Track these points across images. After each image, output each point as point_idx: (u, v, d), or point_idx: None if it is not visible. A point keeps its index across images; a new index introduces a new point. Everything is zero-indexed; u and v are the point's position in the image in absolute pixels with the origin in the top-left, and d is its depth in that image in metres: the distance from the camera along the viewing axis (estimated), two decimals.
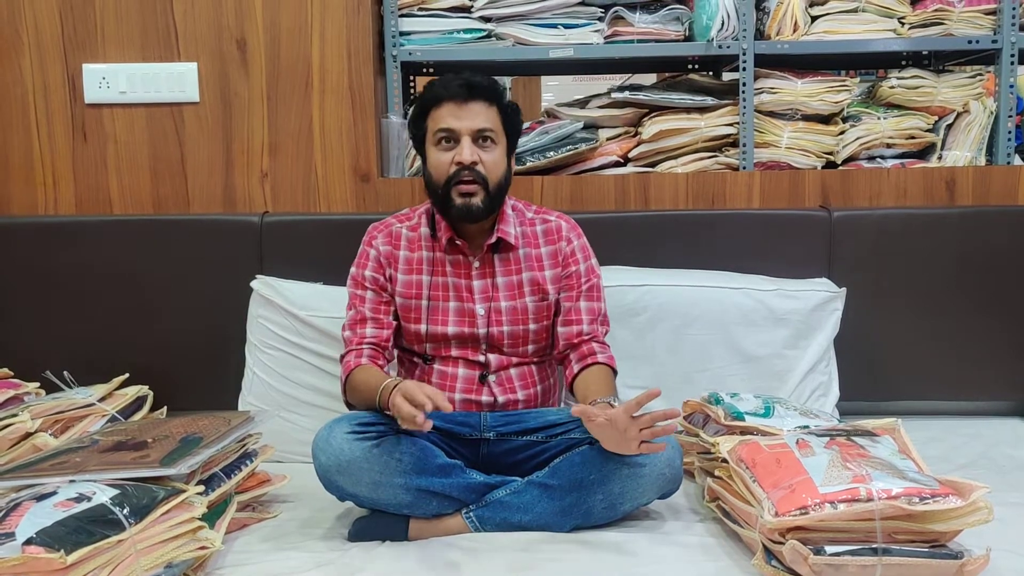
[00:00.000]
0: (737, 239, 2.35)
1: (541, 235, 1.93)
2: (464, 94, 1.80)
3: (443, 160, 1.81)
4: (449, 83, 1.81)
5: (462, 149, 1.79)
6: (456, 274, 1.87)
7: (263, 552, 1.63)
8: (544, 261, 1.91)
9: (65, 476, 1.50)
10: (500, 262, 1.89)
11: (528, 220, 1.94)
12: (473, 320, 1.86)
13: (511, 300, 1.87)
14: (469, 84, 1.80)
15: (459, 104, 1.80)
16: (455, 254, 1.88)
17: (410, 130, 1.90)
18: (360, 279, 1.90)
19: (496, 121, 1.83)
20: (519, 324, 1.87)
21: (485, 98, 1.81)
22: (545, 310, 1.89)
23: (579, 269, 1.91)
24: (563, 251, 1.92)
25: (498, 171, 1.83)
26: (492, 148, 1.82)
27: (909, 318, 2.35)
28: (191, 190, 2.46)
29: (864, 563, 1.38)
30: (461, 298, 1.87)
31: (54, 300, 2.38)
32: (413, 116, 1.88)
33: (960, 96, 2.49)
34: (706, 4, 2.39)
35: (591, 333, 1.88)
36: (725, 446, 1.68)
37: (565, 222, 1.95)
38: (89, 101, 2.44)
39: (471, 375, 1.86)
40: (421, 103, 1.85)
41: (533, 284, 1.89)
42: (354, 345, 1.84)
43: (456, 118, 1.80)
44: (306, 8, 2.41)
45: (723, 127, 2.45)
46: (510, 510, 1.70)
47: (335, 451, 1.66)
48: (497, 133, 1.83)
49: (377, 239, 1.92)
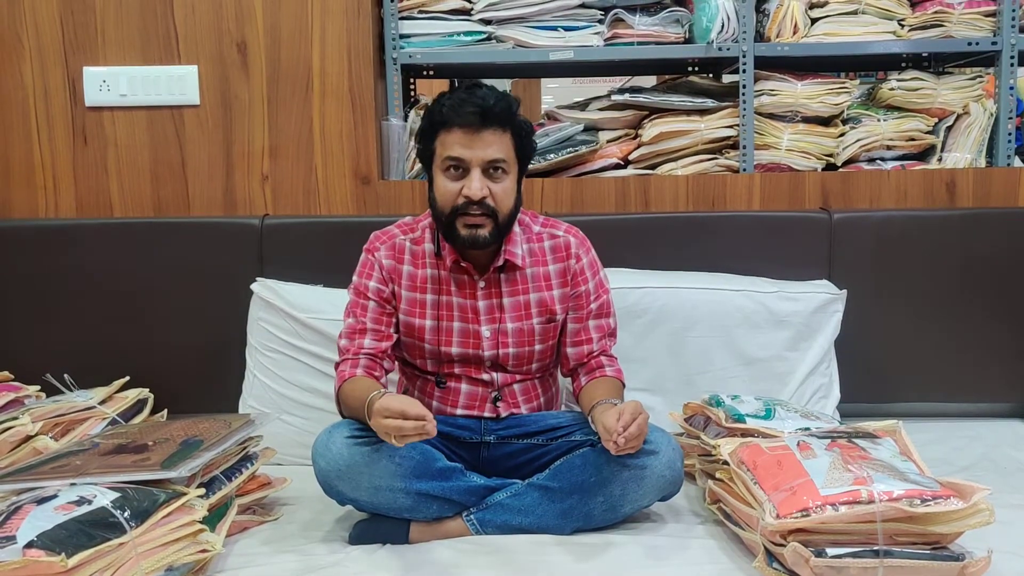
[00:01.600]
0: (737, 241, 2.35)
1: (549, 251, 1.87)
2: (477, 122, 1.69)
3: (451, 189, 1.72)
4: (461, 107, 1.69)
5: (471, 182, 1.70)
6: (461, 294, 1.83)
7: (264, 555, 1.63)
8: (552, 280, 1.86)
9: (66, 479, 1.50)
10: (507, 282, 1.84)
11: (535, 235, 1.88)
12: (478, 341, 1.82)
13: (517, 322, 1.83)
14: (483, 111, 1.69)
15: (470, 133, 1.69)
16: (460, 274, 1.83)
17: (417, 144, 1.83)
18: (363, 289, 1.83)
19: (508, 148, 1.73)
20: (525, 346, 1.84)
21: (499, 124, 1.71)
22: (552, 330, 1.86)
23: (588, 288, 1.87)
24: (572, 269, 1.86)
25: (508, 201, 1.75)
26: (503, 178, 1.73)
27: (910, 320, 2.35)
28: (191, 193, 2.46)
29: (866, 565, 1.38)
30: (466, 319, 1.82)
31: (54, 303, 2.38)
32: (420, 131, 1.79)
33: (960, 98, 2.49)
34: (706, 6, 2.39)
35: (600, 350, 1.87)
36: (726, 448, 1.68)
37: (574, 237, 1.89)
38: (90, 104, 2.44)
39: (474, 392, 1.84)
40: (430, 121, 1.75)
41: (541, 305, 1.84)
42: (350, 355, 1.79)
43: (466, 148, 1.70)
44: (306, 11, 2.41)
45: (723, 129, 2.45)
46: (511, 513, 1.70)
47: (335, 456, 1.65)
48: (509, 162, 1.74)
49: (380, 251, 1.85)
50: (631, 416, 1.55)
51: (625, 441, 1.53)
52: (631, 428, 1.54)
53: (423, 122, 1.78)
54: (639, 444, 1.59)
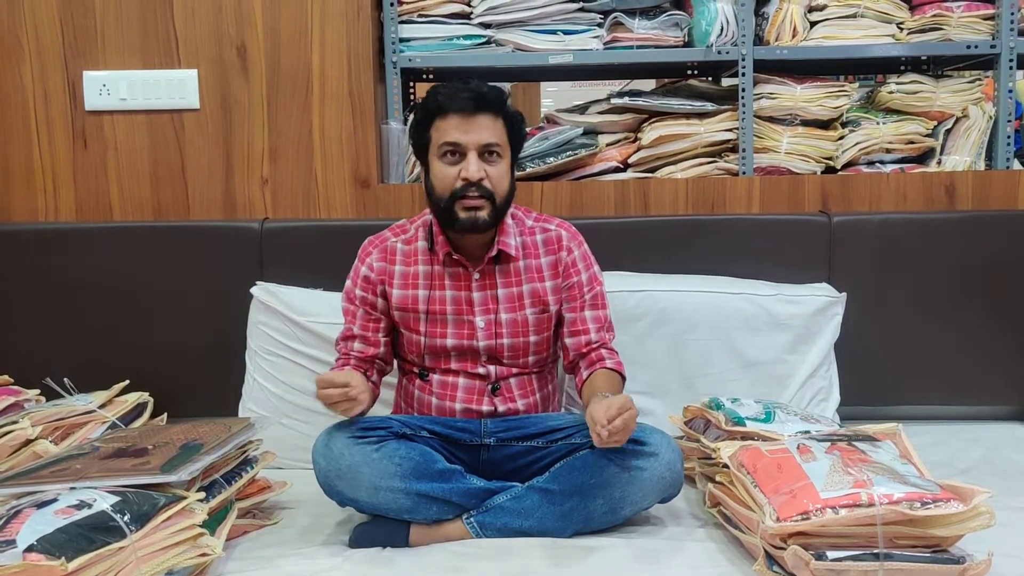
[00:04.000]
0: (737, 244, 2.35)
1: (541, 244, 1.90)
2: (471, 107, 1.75)
3: (448, 174, 1.77)
4: (456, 94, 1.76)
5: (469, 165, 1.75)
6: (455, 287, 1.85)
7: (264, 559, 1.63)
8: (544, 272, 1.89)
9: (66, 483, 1.50)
10: (501, 274, 1.86)
11: (528, 229, 1.91)
12: (473, 332, 1.84)
13: (512, 312, 1.86)
14: (477, 96, 1.75)
15: (466, 117, 1.76)
16: (454, 267, 1.86)
17: (411, 137, 1.88)
18: (352, 296, 1.90)
19: (502, 134, 1.79)
20: (520, 336, 1.86)
21: (492, 110, 1.77)
22: (546, 322, 1.88)
23: (581, 279, 1.89)
24: (564, 261, 1.90)
25: (504, 184, 1.80)
26: (498, 162, 1.79)
27: (909, 322, 2.35)
28: (191, 196, 2.46)
29: (866, 568, 1.37)
30: (460, 311, 1.85)
31: (54, 306, 2.38)
32: (415, 123, 1.84)
33: (959, 101, 2.49)
34: (705, 10, 2.40)
35: (599, 341, 1.87)
36: (726, 451, 1.68)
37: (565, 231, 1.93)
38: (89, 108, 2.44)
39: (471, 385, 1.85)
40: (425, 111, 1.81)
41: (534, 296, 1.87)
42: (342, 356, 1.89)
43: (462, 132, 1.76)
44: (306, 14, 2.41)
45: (723, 132, 2.45)
46: (511, 515, 1.70)
47: (335, 456, 1.66)
48: (503, 147, 1.79)
49: (372, 255, 1.89)
50: (618, 410, 1.55)
51: (608, 434, 1.53)
52: (616, 421, 1.53)
53: (417, 113, 1.84)
54: (624, 439, 1.58)
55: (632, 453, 1.68)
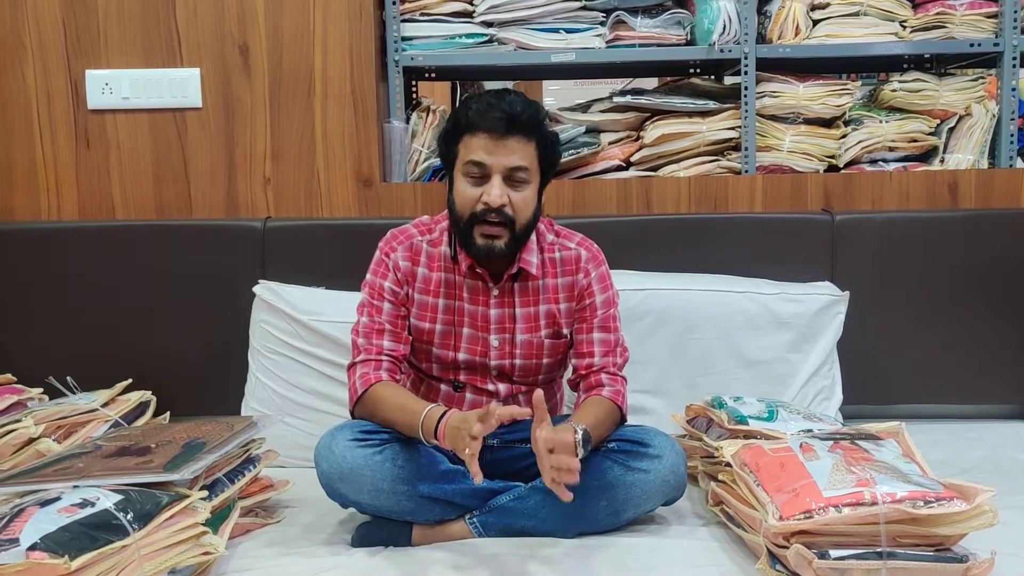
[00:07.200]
0: (739, 243, 2.35)
1: (559, 263, 1.84)
2: (502, 128, 1.66)
3: (470, 194, 1.70)
4: (488, 111, 1.67)
5: (491, 188, 1.67)
6: (473, 301, 1.82)
7: (266, 557, 1.63)
8: (560, 293, 1.83)
9: (69, 482, 1.50)
10: (520, 292, 1.82)
11: (548, 245, 1.84)
12: (486, 350, 1.81)
13: (527, 333, 1.82)
14: (509, 117, 1.66)
15: (495, 139, 1.67)
16: (474, 280, 1.81)
17: (440, 147, 1.81)
18: (379, 289, 1.80)
19: (532, 157, 1.71)
20: (532, 358, 1.83)
21: (524, 132, 1.68)
22: (561, 346, 1.85)
23: (595, 301, 1.83)
24: (579, 284, 1.83)
25: (527, 211, 1.72)
26: (523, 187, 1.71)
27: (912, 321, 2.34)
28: (194, 195, 2.46)
29: (869, 567, 1.37)
30: (476, 326, 1.81)
31: (57, 305, 2.38)
32: (444, 134, 1.76)
33: (962, 99, 2.48)
34: (708, 8, 2.40)
35: (601, 366, 1.81)
36: (729, 450, 1.68)
37: (585, 250, 1.85)
38: (92, 107, 2.45)
39: (478, 400, 1.83)
40: (455, 123, 1.73)
41: (549, 317, 1.83)
42: (372, 355, 1.75)
43: (489, 153, 1.68)
44: (308, 14, 2.41)
45: (725, 131, 2.45)
46: (513, 516, 1.70)
47: (337, 459, 1.65)
48: (531, 171, 1.71)
49: (397, 251, 1.82)
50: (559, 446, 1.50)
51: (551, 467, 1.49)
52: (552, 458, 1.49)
53: (448, 124, 1.77)
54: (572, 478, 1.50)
55: (635, 455, 1.68)
